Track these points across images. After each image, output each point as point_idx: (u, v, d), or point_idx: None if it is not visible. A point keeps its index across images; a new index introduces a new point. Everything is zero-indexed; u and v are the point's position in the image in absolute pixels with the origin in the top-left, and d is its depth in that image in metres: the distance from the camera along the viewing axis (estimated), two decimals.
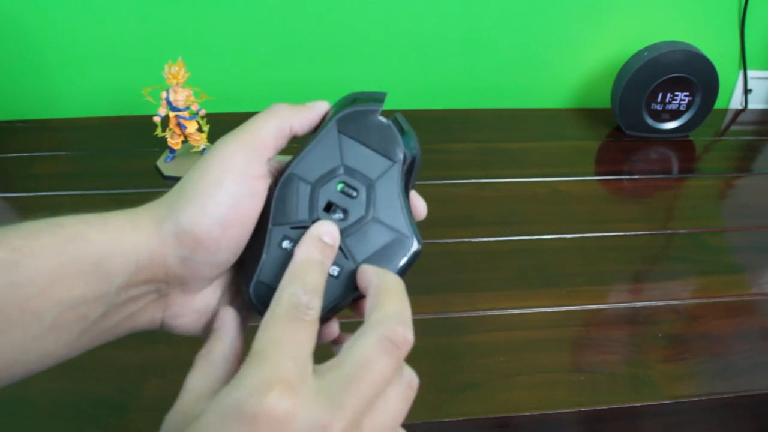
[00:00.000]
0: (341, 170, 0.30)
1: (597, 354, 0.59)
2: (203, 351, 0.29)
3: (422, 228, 0.31)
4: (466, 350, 0.58)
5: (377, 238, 0.30)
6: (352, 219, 0.30)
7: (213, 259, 0.28)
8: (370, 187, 0.30)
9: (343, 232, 0.29)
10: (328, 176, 0.30)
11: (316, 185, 0.29)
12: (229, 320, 0.30)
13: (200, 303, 0.30)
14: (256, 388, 0.22)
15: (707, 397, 0.55)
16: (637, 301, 0.65)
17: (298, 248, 0.28)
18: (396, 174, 0.30)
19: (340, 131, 0.30)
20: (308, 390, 0.23)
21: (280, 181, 0.30)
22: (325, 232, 0.29)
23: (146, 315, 0.29)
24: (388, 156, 0.30)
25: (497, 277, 0.67)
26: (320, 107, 0.33)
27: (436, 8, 0.92)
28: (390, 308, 0.26)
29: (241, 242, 0.29)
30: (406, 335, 0.25)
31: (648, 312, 0.64)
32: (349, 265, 0.29)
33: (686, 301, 0.65)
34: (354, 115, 0.30)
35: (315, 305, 0.26)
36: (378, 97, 0.32)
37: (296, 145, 0.32)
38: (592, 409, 0.54)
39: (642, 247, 0.73)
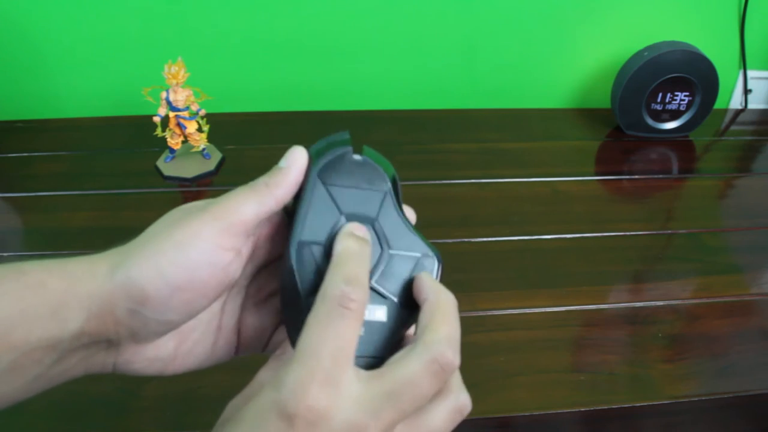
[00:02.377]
0: (343, 220, 0.30)
1: (597, 354, 0.59)
2: (278, 352, 0.31)
3: (422, 228, 0.32)
4: (466, 350, 0.57)
5: (403, 268, 0.30)
6: (372, 261, 0.30)
7: (162, 317, 0.28)
8: (375, 223, 0.31)
9: (371, 276, 0.30)
10: (334, 230, 0.30)
11: (327, 244, 0.30)
12: None
13: (152, 353, 0.30)
14: (295, 387, 0.23)
15: (707, 397, 0.55)
16: (637, 301, 0.65)
17: (335, 246, 0.28)
18: (390, 201, 0.31)
19: (325, 184, 0.30)
20: (348, 392, 0.24)
21: (292, 254, 0.29)
22: (355, 227, 0.29)
23: (98, 360, 0.29)
24: (376, 189, 0.31)
25: (497, 277, 0.67)
26: (298, 165, 0.30)
27: (436, 8, 0.92)
28: (443, 330, 0.26)
29: (193, 306, 0.28)
30: (454, 361, 0.26)
31: (648, 312, 0.64)
32: (391, 302, 0.30)
33: (686, 301, 0.65)
34: (331, 164, 0.31)
35: (358, 296, 0.26)
36: (344, 139, 0.32)
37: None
38: (592, 409, 0.54)
39: (642, 247, 0.73)
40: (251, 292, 0.34)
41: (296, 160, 0.30)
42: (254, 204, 0.29)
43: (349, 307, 0.25)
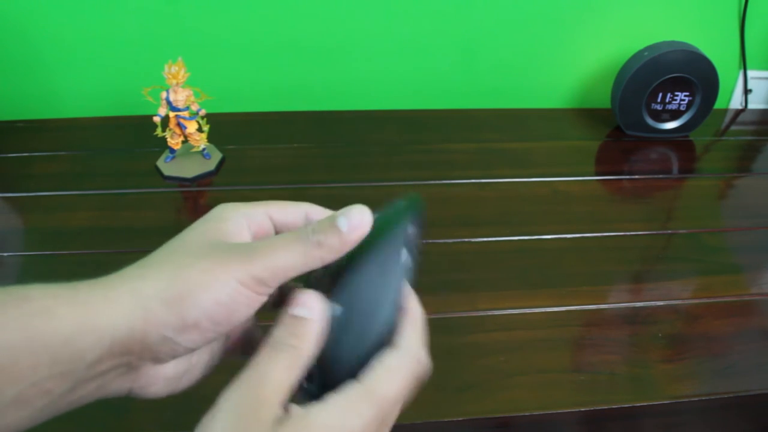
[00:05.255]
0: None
1: (597, 354, 0.59)
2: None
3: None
4: (466, 350, 0.58)
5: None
6: None
7: (194, 345, 0.28)
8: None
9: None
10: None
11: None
12: None
13: (170, 371, 0.30)
14: None
15: (707, 397, 0.55)
16: (637, 301, 0.65)
17: (410, 304, 0.30)
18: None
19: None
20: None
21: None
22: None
23: (114, 386, 0.28)
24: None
25: (497, 277, 0.67)
26: (359, 233, 0.28)
27: (436, 8, 0.92)
28: (415, 341, 0.29)
29: (222, 332, 0.28)
30: (427, 371, 0.29)
31: (648, 312, 0.64)
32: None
33: (686, 301, 0.65)
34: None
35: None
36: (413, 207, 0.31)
37: None
38: (592, 409, 0.54)
39: (642, 247, 0.73)
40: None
41: (359, 227, 0.28)
42: (300, 262, 0.28)
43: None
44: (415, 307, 0.30)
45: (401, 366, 0.27)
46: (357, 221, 0.28)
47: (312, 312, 0.27)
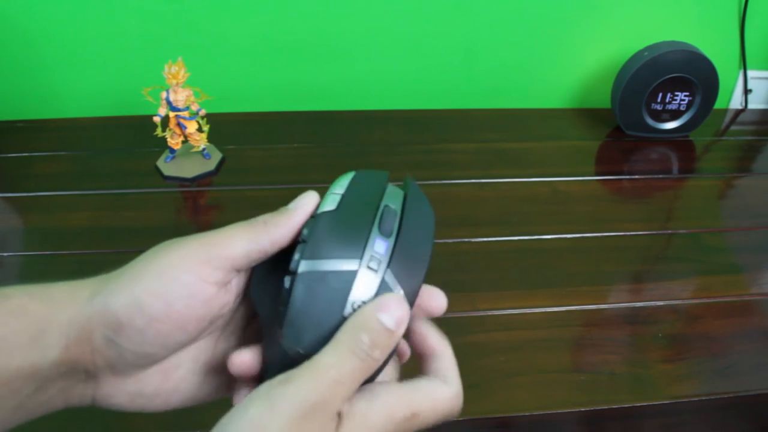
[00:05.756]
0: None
1: (597, 354, 0.59)
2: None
3: None
4: (466, 350, 0.58)
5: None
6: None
7: (137, 348, 0.27)
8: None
9: None
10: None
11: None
12: None
13: (133, 387, 0.28)
14: None
15: (707, 397, 0.55)
16: (637, 301, 0.65)
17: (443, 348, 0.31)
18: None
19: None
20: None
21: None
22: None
23: (77, 392, 0.28)
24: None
25: (497, 277, 0.67)
26: (305, 209, 0.28)
27: (436, 8, 0.92)
28: (458, 380, 0.29)
29: (171, 340, 0.27)
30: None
31: (648, 312, 0.64)
32: None
33: (686, 301, 0.65)
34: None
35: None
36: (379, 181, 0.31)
37: None
38: (592, 409, 0.54)
39: (642, 247, 0.73)
40: (248, 335, 0.31)
41: (305, 204, 0.29)
42: (246, 240, 0.27)
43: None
44: (447, 348, 0.30)
45: (446, 400, 0.27)
46: (302, 201, 0.29)
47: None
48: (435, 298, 0.30)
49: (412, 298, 0.27)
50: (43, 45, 0.89)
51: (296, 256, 0.27)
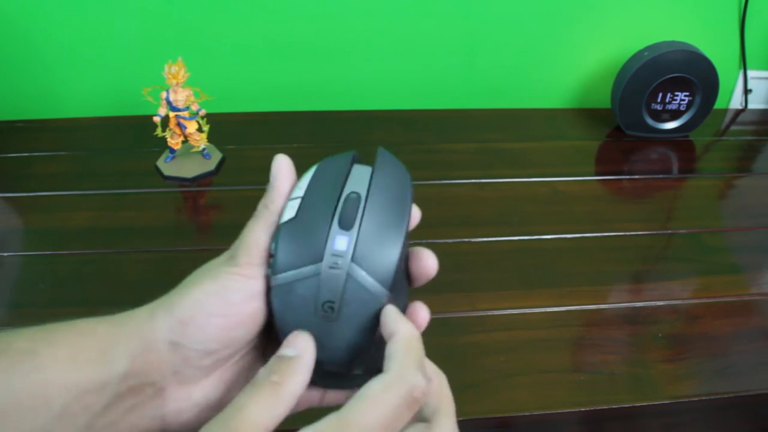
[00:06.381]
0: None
1: (597, 354, 0.59)
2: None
3: (423, 228, 0.31)
4: (466, 350, 0.58)
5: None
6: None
7: (201, 346, 0.28)
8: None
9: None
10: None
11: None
12: None
13: (199, 396, 0.30)
14: None
15: (707, 397, 0.55)
16: (637, 301, 0.65)
17: (398, 325, 0.27)
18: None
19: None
20: None
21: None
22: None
23: (146, 411, 0.29)
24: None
25: (497, 277, 0.67)
26: (283, 172, 0.31)
27: (436, 8, 0.92)
28: (407, 364, 0.26)
29: (232, 335, 0.29)
30: (425, 387, 0.26)
31: (648, 312, 0.64)
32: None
33: (686, 301, 0.65)
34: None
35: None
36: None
37: None
38: (592, 409, 0.54)
39: (642, 247, 0.73)
40: None
41: (280, 167, 0.31)
42: (264, 230, 0.30)
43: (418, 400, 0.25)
44: (404, 328, 0.27)
45: (387, 393, 0.24)
46: (276, 165, 0.31)
47: (298, 349, 0.27)
48: (422, 259, 0.31)
49: (387, 281, 0.27)
50: (43, 45, 0.89)
51: (268, 272, 0.28)
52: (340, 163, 0.31)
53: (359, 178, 0.30)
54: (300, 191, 0.30)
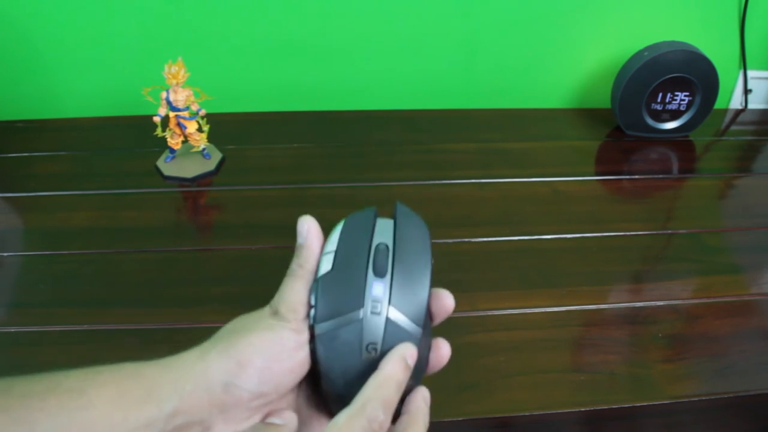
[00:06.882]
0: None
1: (597, 354, 0.59)
2: None
3: None
4: (466, 350, 0.58)
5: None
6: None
7: (255, 388, 0.30)
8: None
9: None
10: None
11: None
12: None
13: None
14: None
15: (707, 397, 0.55)
16: (637, 301, 0.65)
17: (385, 364, 0.29)
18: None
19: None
20: None
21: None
22: (409, 351, 0.30)
23: None
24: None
25: (497, 277, 0.67)
26: (312, 233, 0.33)
27: (436, 8, 0.92)
28: (373, 398, 0.29)
29: (283, 380, 0.31)
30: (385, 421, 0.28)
31: (648, 312, 0.64)
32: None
33: (686, 301, 0.65)
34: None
35: (387, 426, 0.28)
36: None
37: None
38: (592, 409, 0.54)
39: (642, 247, 0.73)
40: None
41: (310, 228, 0.33)
42: (304, 286, 0.32)
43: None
44: (388, 368, 0.29)
45: (348, 423, 0.27)
46: (303, 228, 0.33)
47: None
48: (442, 298, 0.34)
49: (420, 320, 0.31)
50: (43, 45, 0.89)
51: (311, 321, 0.31)
52: (365, 218, 0.33)
53: (384, 230, 0.33)
54: (332, 245, 0.32)
